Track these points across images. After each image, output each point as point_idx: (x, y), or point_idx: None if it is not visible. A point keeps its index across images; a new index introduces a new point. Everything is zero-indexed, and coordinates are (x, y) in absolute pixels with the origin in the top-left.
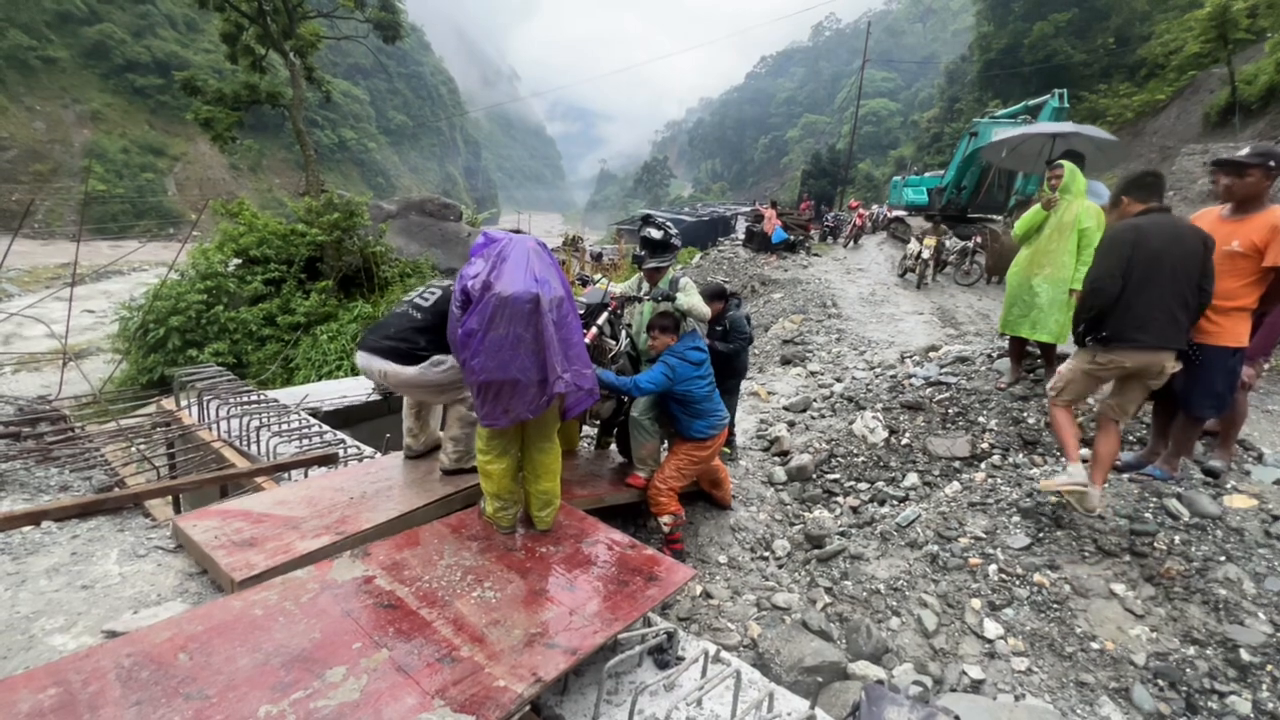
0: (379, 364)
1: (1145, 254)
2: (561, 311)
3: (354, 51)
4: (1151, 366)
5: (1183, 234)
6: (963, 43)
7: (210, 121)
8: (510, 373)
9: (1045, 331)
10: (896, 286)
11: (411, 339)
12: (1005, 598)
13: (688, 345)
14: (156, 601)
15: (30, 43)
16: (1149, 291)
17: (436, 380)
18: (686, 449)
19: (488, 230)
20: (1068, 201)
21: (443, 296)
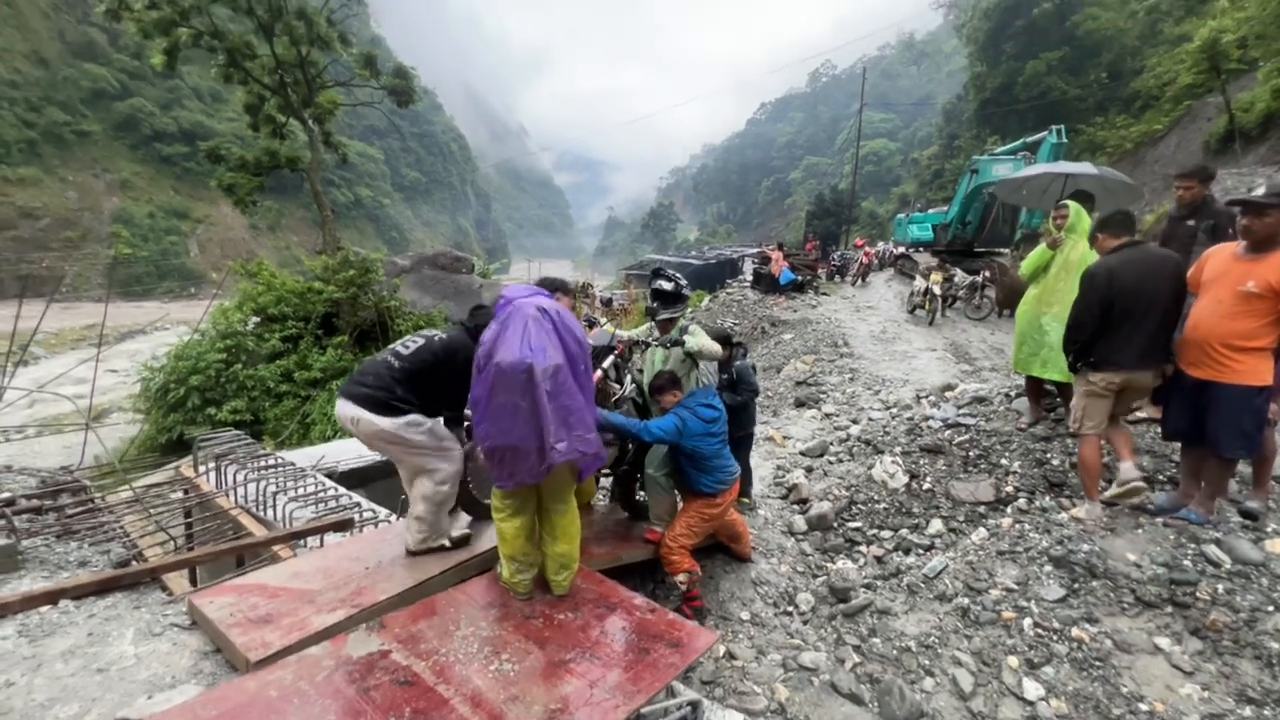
0: (352, 410)
1: (1121, 288)
2: (558, 380)
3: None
4: (1135, 384)
5: (1154, 265)
6: (957, 83)
7: (233, 187)
8: (511, 439)
9: (1056, 370)
10: (907, 323)
11: (389, 388)
12: (1043, 655)
13: (700, 401)
14: (171, 684)
15: (66, 118)
16: (1128, 321)
17: (409, 439)
18: (697, 506)
19: (507, 291)
20: (1074, 241)
21: (423, 347)
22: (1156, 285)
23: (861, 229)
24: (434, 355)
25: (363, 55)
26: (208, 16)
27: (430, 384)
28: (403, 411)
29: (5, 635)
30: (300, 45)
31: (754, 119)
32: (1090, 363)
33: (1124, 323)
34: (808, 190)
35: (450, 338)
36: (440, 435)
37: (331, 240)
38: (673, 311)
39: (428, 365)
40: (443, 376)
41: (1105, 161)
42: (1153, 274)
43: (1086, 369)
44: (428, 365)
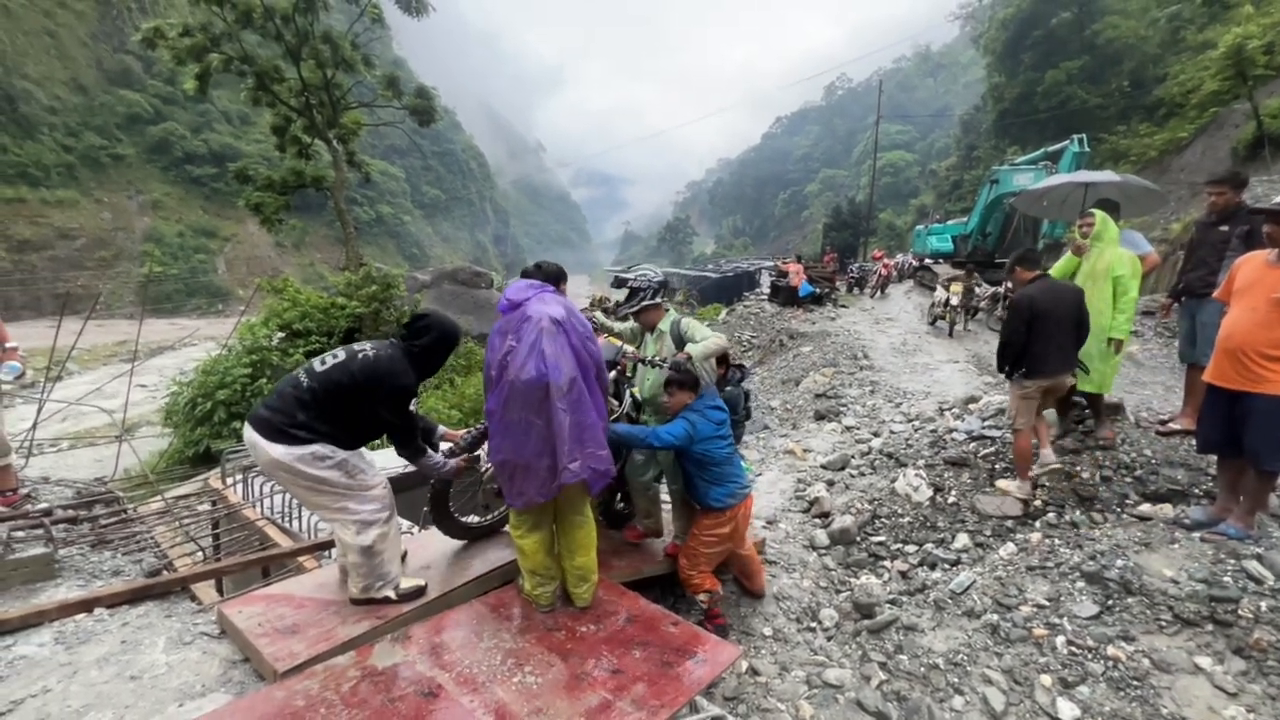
0: (248, 434)
1: (1039, 312)
2: (572, 396)
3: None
4: (1055, 387)
5: (1061, 295)
6: (975, 94)
7: (260, 206)
8: (524, 456)
9: (1085, 381)
10: (928, 335)
11: (288, 411)
12: (1078, 673)
13: (708, 403)
14: (201, 693)
15: (102, 142)
16: (1044, 339)
17: (307, 474)
18: (707, 525)
19: (510, 292)
20: (1100, 249)
21: (339, 365)
22: (1064, 310)
23: (880, 241)
24: (350, 378)
25: (386, 76)
26: (238, 42)
27: (341, 411)
28: (300, 440)
29: (42, 642)
30: (326, 68)
31: (769, 133)
32: (1023, 373)
33: (1040, 339)
34: (825, 203)
35: (377, 357)
36: (354, 471)
37: (354, 257)
38: (631, 307)
39: (341, 389)
40: (358, 404)
41: (1129, 170)
42: (1060, 301)
43: (1020, 378)
44: (341, 389)
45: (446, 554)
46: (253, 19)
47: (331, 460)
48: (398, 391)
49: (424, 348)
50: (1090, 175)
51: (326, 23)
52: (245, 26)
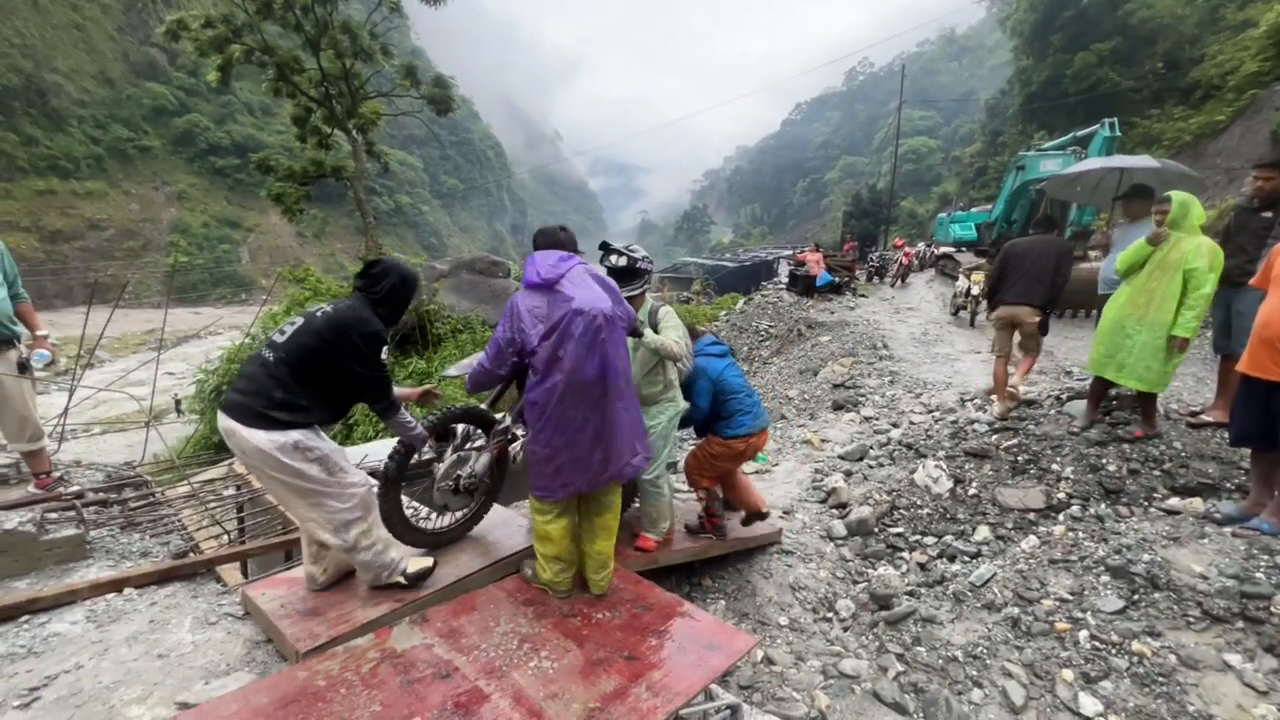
0: (225, 422)
1: (1012, 256)
2: (630, 390)
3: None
4: (1015, 315)
5: (1045, 245)
6: (1001, 77)
7: (281, 196)
8: (577, 450)
9: (1133, 376)
10: (949, 325)
11: (264, 391)
12: (1101, 668)
13: (705, 345)
14: (225, 672)
15: (129, 134)
16: (1012, 276)
17: (288, 466)
18: (713, 443)
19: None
20: (1176, 238)
21: (302, 328)
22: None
23: (901, 229)
24: (317, 338)
25: (404, 66)
26: (259, 33)
27: (316, 378)
28: (283, 424)
29: (75, 620)
30: (345, 58)
31: (789, 119)
32: (991, 304)
33: (1008, 276)
34: (844, 190)
35: (337, 310)
36: (335, 469)
37: (374, 246)
38: (631, 288)
39: (310, 353)
40: (331, 365)
41: (1163, 155)
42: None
43: (990, 309)
44: (310, 353)
45: (464, 538)
46: (273, 9)
47: (314, 453)
48: (368, 339)
49: (385, 293)
50: (1126, 159)
51: (345, 12)
52: (266, 17)
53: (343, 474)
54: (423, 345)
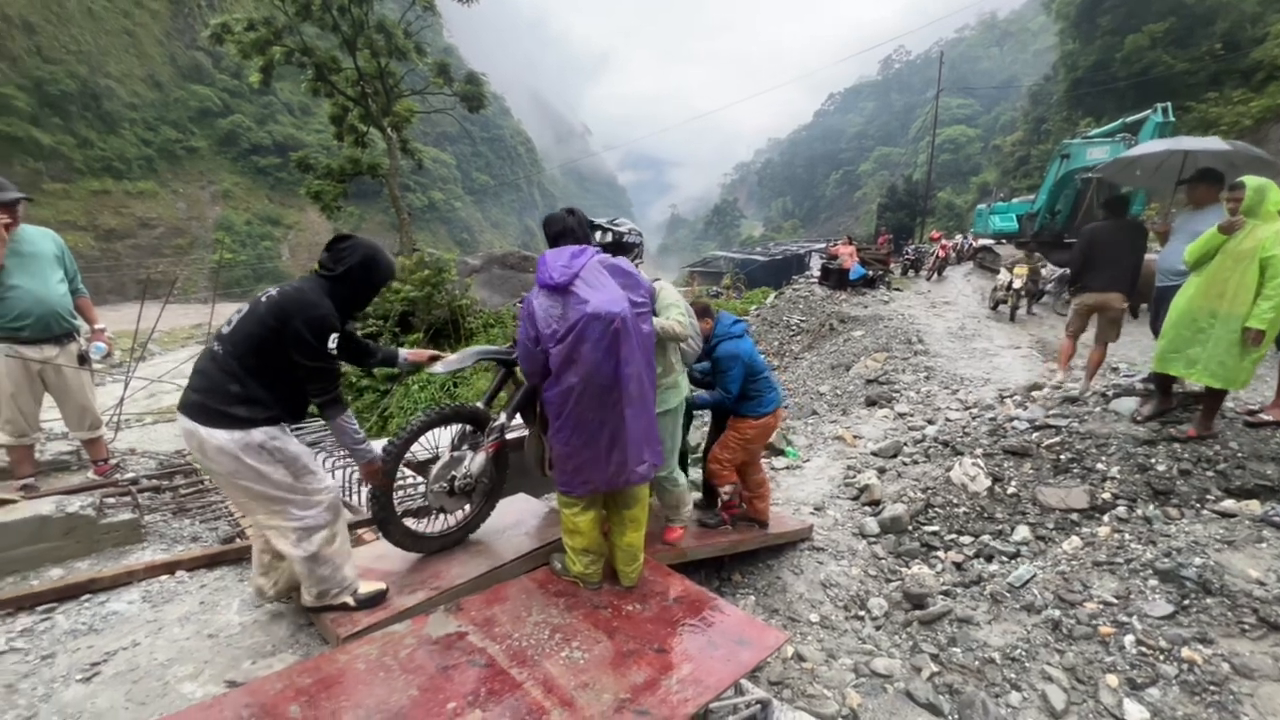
0: (184, 423)
1: (1096, 242)
2: (642, 395)
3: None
4: (1106, 302)
5: (1129, 229)
6: (1045, 63)
7: (320, 194)
8: (594, 450)
9: (1206, 372)
10: (988, 319)
11: (219, 389)
12: (1148, 675)
13: (728, 324)
14: (271, 653)
15: (177, 136)
16: (1099, 262)
17: (251, 467)
18: (734, 426)
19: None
20: (1251, 226)
21: (247, 315)
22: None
23: (938, 221)
24: (259, 324)
25: (437, 64)
26: (298, 34)
27: (266, 368)
28: (244, 422)
29: (131, 600)
30: (380, 57)
31: (822, 110)
32: (1074, 289)
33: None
34: (879, 182)
35: (282, 293)
36: (301, 473)
37: (408, 242)
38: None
39: (255, 340)
40: (278, 353)
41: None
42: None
43: (1074, 294)
44: (255, 340)
45: (495, 530)
46: (311, 10)
47: (280, 454)
48: (313, 325)
49: (344, 274)
50: (1192, 141)
51: (380, 12)
52: (305, 18)
53: (310, 478)
54: (455, 339)
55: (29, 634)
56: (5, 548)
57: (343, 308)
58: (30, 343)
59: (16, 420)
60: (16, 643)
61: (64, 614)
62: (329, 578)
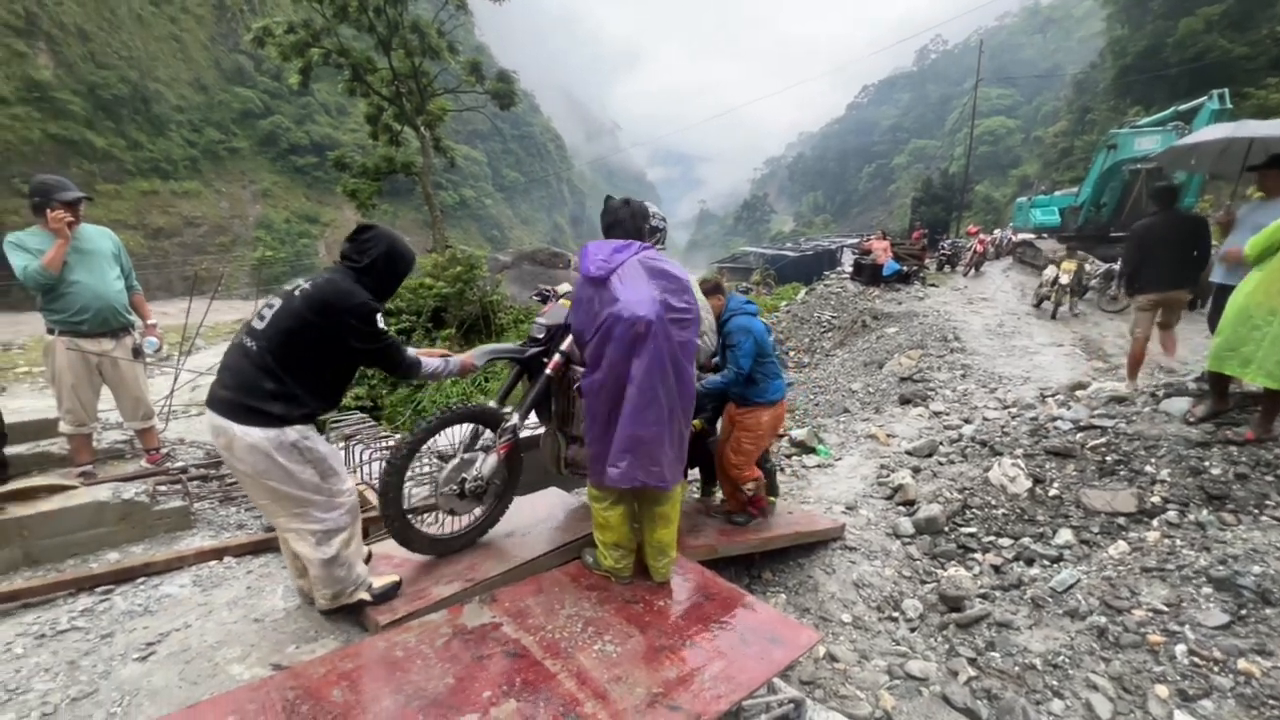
0: (215, 420)
1: (1151, 239)
2: (665, 404)
3: (474, 119)
4: (1172, 299)
5: (1188, 224)
6: (1092, 50)
7: (355, 192)
8: (607, 446)
9: (1261, 371)
10: (1028, 316)
11: (253, 386)
12: (1201, 686)
13: (741, 303)
14: (314, 638)
15: (220, 137)
16: (1160, 258)
17: (282, 466)
18: (762, 416)
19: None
20: None
21: (282, 309)
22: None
23: (975, 215)
24: (297, 318)
25: (469, 63)
26: (335, 36)
27: (304, 361)
28: (279, 419)
29: (183, 584)
30: (414, 57)
31: (855, 103)
32: (1134, 289)
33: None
34: (913, 176)
35: (316, 286)
36: (328, 474)
37: (440, 239)
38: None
39: (294, 335)
40: (320, 344)
41: None
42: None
43: (1135, 294)
44: (294, 335)
45: (530, 522)
46: (348, 12)
47: (311, 454)
48: (357, 312)
49: (370, 264)
50: (1260, 125)
51: (414, 12)
52: (342, 20)
53: (335, 479)
54: (487, 334)
55: (89, 614)
56: (67, 531)
57: (372, 294)
58: (89, 336)
59: (76, 410)
60: (78, 621)
61: (121, 595)
62: (344, 578)
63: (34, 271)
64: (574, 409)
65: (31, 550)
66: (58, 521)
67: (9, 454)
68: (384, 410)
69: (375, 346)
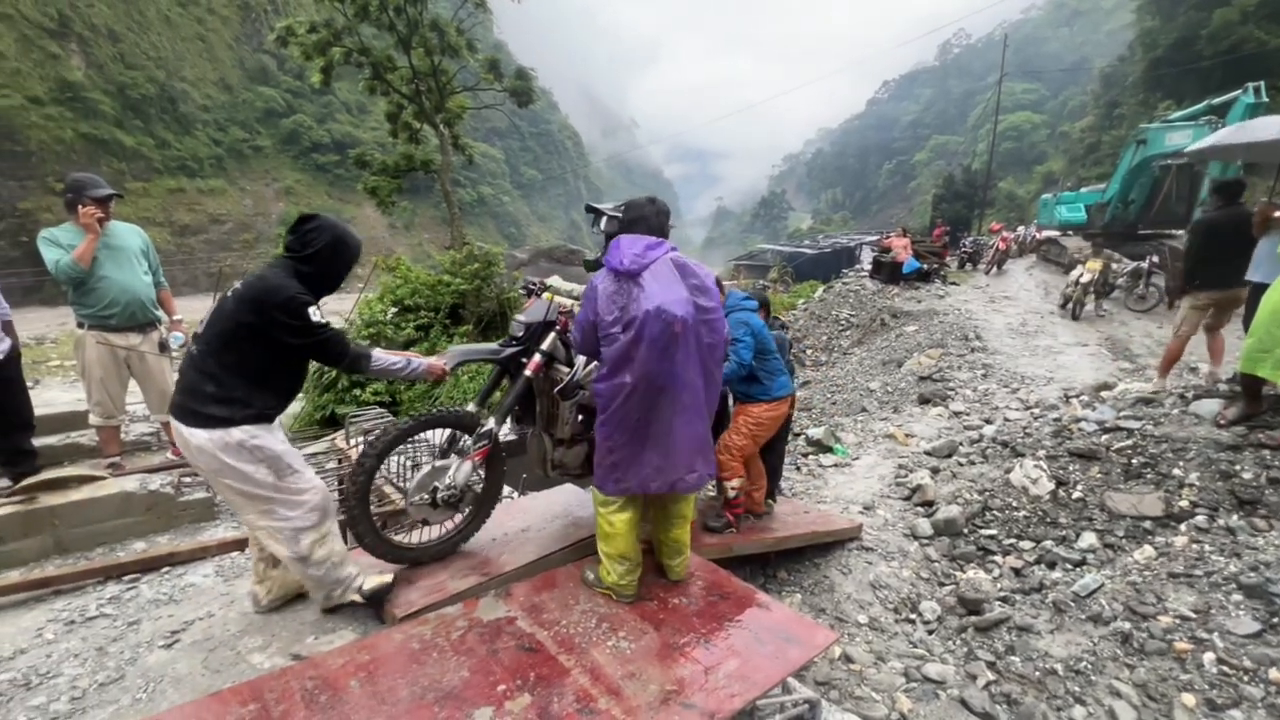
0: (174, 426)
1: (1215, 234)
2: (695, 403)
3: (492, 116)
4: (1235, 298)
5: (1243, 219)
6: (1120, 42)
7: (376, 190)
8: (633, 451)
9: None
10: (1052, 315)
11: (196, 389)
12: (1230, 696)
13: (739, 298)
14: (332, 629)
15: (244, 135)
16: (1225, 254)
17: (232, 467)
18: (763, 411)
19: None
20: None
21: (216, 312)
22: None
23: (998, 212)
24: (230, 319)
25: (487, 60)
26: (356, 35)
27: (243, 361)
28: (222, 421)
29: (206, 573)
30: (433, 55)
31: (875, 98)
32: (1195, 285)
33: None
34: (935, 172)
35: (247, 285)
36: (284, 472)
37: (459, 236)
38: None
39: (229, 335)
40: (254, 342)
41: None
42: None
43: (1194, 291)
44: (229, 335)
45: (544, 519)
46: (369, 11)
47: (262, 453)
48: (286, 308)
49: (315, 254)
50: None
51: (434, 10)
52: (363, 19)
53: (294, 477)
54: (503, 330)
55: (117, 601)
56: (96, 521)
57: (313, 288)
58: (117, 331)
59: (105, 403)
60: (106, 609)
61: (147, 584)
62: (324, 579)
63: (65, 265)
64: (558, 410)
65: (62, 538)
66: (87, 511)
67: (39, 445)
68: (402, 405)
69: (310, 340)
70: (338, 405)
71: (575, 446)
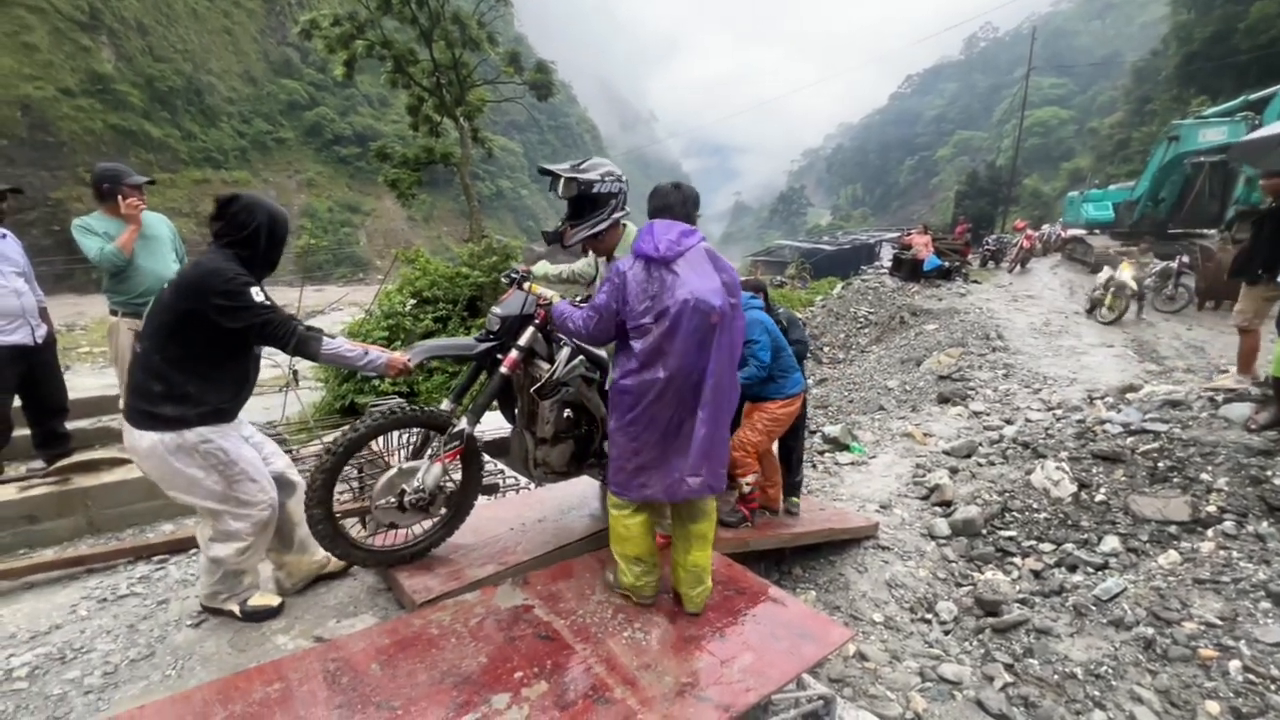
0: (125, 427)
1: None
2: (718, 402)
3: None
4: None
5: None
6: (1153, 36)
7: (396, 182)
8: (661, 452)
9: None
10: (1076, 315)
11: (144, 389)
12: (1256, 705)
13: (746, 297)
14: (353, 613)
15: (268, 128)
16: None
17: (180, 471)
18: (771, 406)
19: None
20: None
21: (155, 305)
22: None
23: (1022, 210)
24: (168, 309)
25: (508, 53)
26: (379, 28)
27: (186, 352)
28: (167, 421)
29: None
30: (455, 48)
31: (898, 93)
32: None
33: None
34: (958, 168)
35: (181, 276)
36: (234, 479)
37: (477, 229)
38: (596, 222)
39: (169, 327)
40: (195, 330)
41: None
42: None
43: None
44: (169, 327)
45: (560, 510)
46: (391, 4)
47: (213, 459)
48: (225, 290)
49: (253, 234)
50: None
51: (455, 4)
52: (385, 12)
53: (246, 486)
54: None
55: (147, 581)
56: (126, 502)
57: (253, 270)
58: None
59: None
60: (136, 588)
61: (175, 565)
62: (223, 579)
63: (110, 253)
64: (537, 408)
65: (94, 519)
66: (118, 493)
67: (71, 428)
68: (420, 396)
69: (252, 322)
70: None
71: (559, 445)
